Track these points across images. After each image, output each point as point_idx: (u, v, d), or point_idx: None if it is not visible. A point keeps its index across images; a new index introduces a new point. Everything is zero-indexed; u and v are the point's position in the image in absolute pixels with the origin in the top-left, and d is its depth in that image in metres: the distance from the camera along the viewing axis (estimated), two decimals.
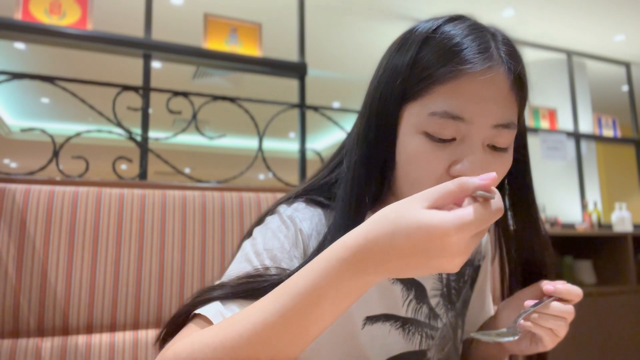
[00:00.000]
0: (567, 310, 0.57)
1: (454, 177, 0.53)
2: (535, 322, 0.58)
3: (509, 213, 0.67)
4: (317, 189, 0.64)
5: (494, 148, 0.55)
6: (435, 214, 0.40)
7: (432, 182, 0.53)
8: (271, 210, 0.64)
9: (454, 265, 0.41)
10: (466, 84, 0.52)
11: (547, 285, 0.58)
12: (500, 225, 0.69)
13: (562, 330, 0.58)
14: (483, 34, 0.55)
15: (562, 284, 0.58)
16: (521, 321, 0.58)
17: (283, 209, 0.61)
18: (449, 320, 0.70)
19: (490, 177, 0.42)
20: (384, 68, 0.58)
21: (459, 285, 0.72)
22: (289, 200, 0.63)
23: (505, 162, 0.56)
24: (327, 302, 0.42)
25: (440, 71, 0.52)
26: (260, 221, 0.64)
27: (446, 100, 0.52)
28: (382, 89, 0.57)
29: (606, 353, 2.64)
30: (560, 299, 0.58)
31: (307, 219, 0.60)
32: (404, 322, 0.65)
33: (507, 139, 0.54)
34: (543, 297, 0.61)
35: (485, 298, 0.81)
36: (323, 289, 0.41)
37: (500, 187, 0.61)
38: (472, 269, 0.76)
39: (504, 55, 0.54)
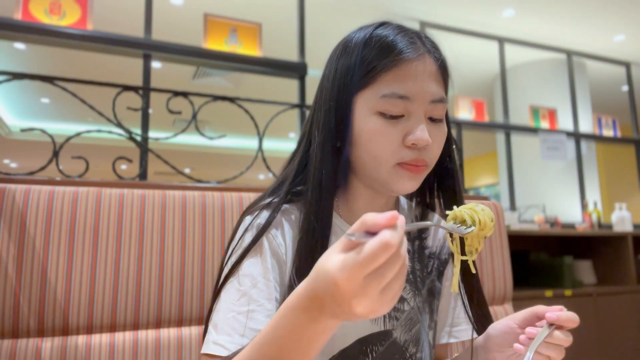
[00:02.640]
0: (568, 340, 0.60)
1: (408, 146, 0.65)
2: (537, 350, 0.60)
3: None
4: (274, 190, 0.72)
5: (432, 120, 0.67)
6: (333, 261, 0.42)
7: (392, 153, 0.65)
8: (239, 223, 0.70)
9: (359, 311, 0.41)
10: (405, 69, 0.64)
11: (550, 314, 0.61)
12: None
13: (560, 357, 0.61)
14: (408, 32, 0.68)
15: (562, 311, 0.61)
16: (519, 346, 0.61)
17: (248, 220, 0.69)
18: (416, 305, 0.75)
19: (391, 216, 0.41)
20: (335, 69, 0.69)
21: (423, 275, 0.77)
22: (252, 210, 0.70)
23: (443, 129, 0.69)
24: (294, 350, 0.49)
25: (383, 62, 0.64)
26: (233, 235, 0.70)
27: (392, 83, 0.64)
28: (337, 85, 0.68)
29: (606, 353, 2.65)
30: (558, 326, 0.60)
31: (268, 222, 0.67)
32: None
33: (441, 111, 0.67)
34: (535, 321, 0.63)
35: (459, 296, 0.82)
36: (291, 338, 0.48)
37: (440, 160, 0.71)
38: (438, 261, 0.80)
39: (429, 46, 0.68)
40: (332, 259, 0.42)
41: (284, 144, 6.84)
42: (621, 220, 3.29)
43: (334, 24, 4.11)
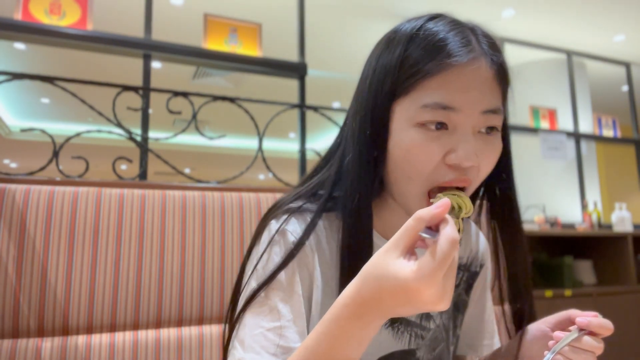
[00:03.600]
0: (599, 346, 0.57)
1: (449, 165, 0.56)
2: (564, 354, 0.57)
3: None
4: (305, 194, 0.65)
5: (484, 133, 0.57)
6: (405, 270, 0.43)
7: (430, 173, 0.56)
8: (264, 226, 0.64)
9: (441, 307, 0.43)
10: (453, 75, 0.55)
11: (580, 318, 0.58)
12: (494, 225, 0.69)
13: None
14: (463, 29, 0.58)
15: (594, 317, 0.58)
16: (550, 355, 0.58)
17: (274, 225, 0.63)
18: (442, 322, 0.70)
19: (444, 204, 0.44)
20: (374, 68, 0.61)
21: None
22: (278, 213, 0.64)
23: (496, 145, 0.59)
24: (347, 354, 0.47)
25: (428, 66, 0.55)
26: (256, 237, 0.65)
27: (436, 92, 0.55)
28: (374, 88, 0.59)
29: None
30: (590, 332, 0.58)
31: (297, 230, 0.62)
32: (392, 321, 0.66)
33: (494, 123, 0.57)
34: (568, 325, 0.61)
35: (485, 309, 0.79)
36: (340, 347, 0.47)
37: (492, 174, 0.62)
38: (467, 274, 0.75)
39: (486, 47, 0.57)
40: (402, 267, 0.43)
41: (284, 144, 6.84)
42: (621, 220, 3.29)
43: (334, 24, 4.11)
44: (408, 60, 0.57)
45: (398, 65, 0.57)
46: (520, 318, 0.69)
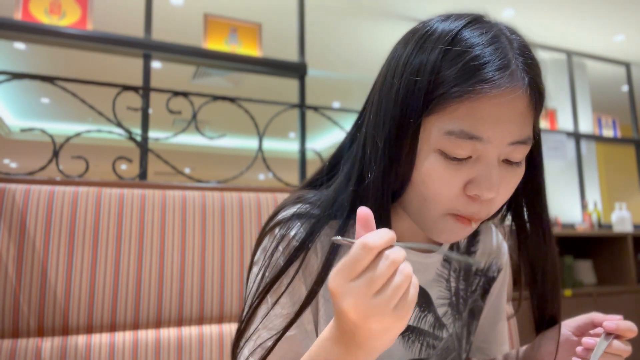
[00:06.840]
0: (628, 350, 0.57)
1: (470, 196, 0.52)
2: None
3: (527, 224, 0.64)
4: (314, 201, 0.61)
5: (508, 162, 0.54)
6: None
7: (449, 202, 0.53)
8: (266, 232, 0.61)
9: (351, 314, 0.40)
10: (485, 104, 0.49)
11: (608, 323, 0.57)
12: (517, 234, 0.66)
13: None
14: (502, 43, 0.52)
15: (621, 320, 0.58)
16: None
17: (277, 231, 0.59)
18: (455, 331, 0.68)
19: (362, 216, 0.43)
20: (402, 73, 0.54)
21: (467, 295, 0.70)
22: (281, 219, 0.60)
23: (519, 174, 0.55)
24: None
25: (459, 88, 0.49)
26: (259, 244, 0.62)
27: (463, 119, 0.50)
28: (401, 101, 0.53)
29: None
30: (616, 335, 0.57)
31: (302, 236, 0.58)
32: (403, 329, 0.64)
33: (522, 153, 0.53)
34: (590, 329, 0.60)
35: (500, 313, 0.78)
36: None
37: (513, 197, 0.60)
38: (484, 279, 0.73)
39: (524, 67, 0.52)
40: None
41: (284, 144, 6.84)
42: (621, 220, 3.30)
43: (334, 24, 4.11)
44: (439, 76, 0.51)
45: (429, 78, 0.51)
46: (550, 321, 0.66)
